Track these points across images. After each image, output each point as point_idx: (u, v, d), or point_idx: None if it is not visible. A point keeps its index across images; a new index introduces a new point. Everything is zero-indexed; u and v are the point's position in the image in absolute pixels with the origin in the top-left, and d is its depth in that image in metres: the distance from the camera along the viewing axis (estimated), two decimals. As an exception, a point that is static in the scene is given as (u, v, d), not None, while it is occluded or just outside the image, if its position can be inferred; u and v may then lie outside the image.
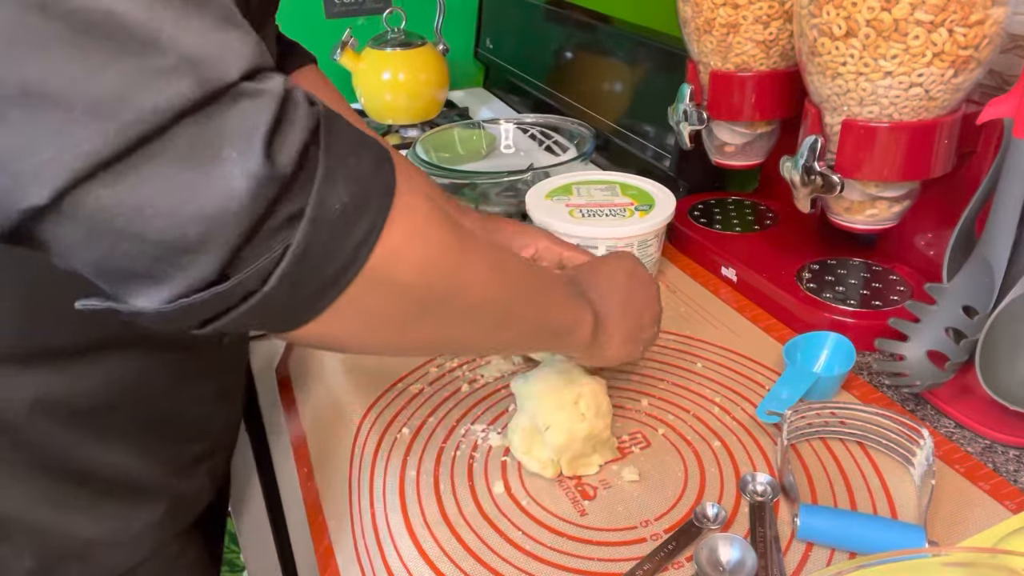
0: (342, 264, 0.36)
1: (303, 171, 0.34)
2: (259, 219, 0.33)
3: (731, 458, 0.59)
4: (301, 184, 0.34)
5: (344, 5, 1.46)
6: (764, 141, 0.79)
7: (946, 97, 0.58)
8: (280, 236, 0.34)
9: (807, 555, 0.50)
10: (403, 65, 1.28)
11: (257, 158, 0.32)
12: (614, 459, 0.59)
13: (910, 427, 0.56)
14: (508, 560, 0.51)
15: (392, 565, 0.51)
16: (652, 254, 0.80)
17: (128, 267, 0.33)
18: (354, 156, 0.37)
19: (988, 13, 0.55)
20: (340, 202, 0.35)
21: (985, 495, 0.54)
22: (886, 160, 0.61)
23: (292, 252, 0.34)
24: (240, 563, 1.71)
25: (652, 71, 1.01)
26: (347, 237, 0.36)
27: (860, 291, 0.73)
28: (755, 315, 0.76)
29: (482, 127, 1.16)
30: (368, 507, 0.56)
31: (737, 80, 0.74)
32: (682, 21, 0.76)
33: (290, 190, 0.33)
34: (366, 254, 0.36)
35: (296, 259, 0.34)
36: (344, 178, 0.35)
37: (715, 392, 0.66)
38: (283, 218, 0.34)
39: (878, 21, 0.56)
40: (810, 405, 0.59)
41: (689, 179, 0.96)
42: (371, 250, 0.36)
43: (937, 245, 0.73)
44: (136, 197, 0.31)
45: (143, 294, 0.34)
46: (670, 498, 0.55)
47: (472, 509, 0.55)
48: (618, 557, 0.51)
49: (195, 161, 0.31)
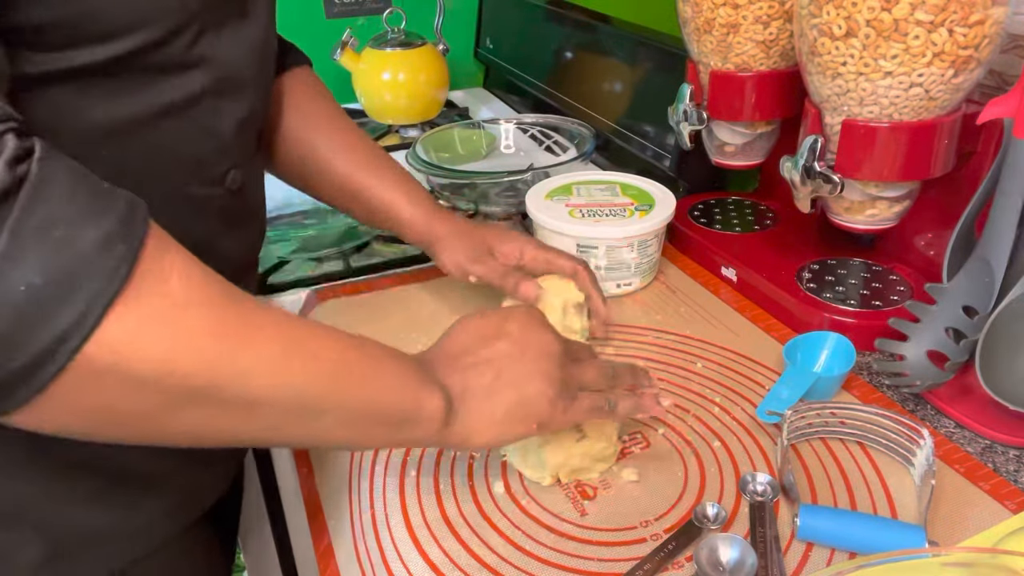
0: (35, 355, 0.31)
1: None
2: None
3: (731, 458, 0.59)
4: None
5: (344, 5, 1.46)
6: (764, 141, 0.79)
7: (946, 97, 0.58)
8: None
9: (807, 555, 0.50)
10: (403, 65, 1.28)
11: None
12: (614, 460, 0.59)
13: (910, 427, 0.56)
14: (508, 560, 0.51)
15: (392, 565, 0.51)
16: (652, 254, 0.80)
17: None
18: (68, 227, 0.32)
19: (988, 13, 0.55)
20: (25, 283, 0.30)
21: (985, 495, 0.54)
22: (886, 160, 0.61)
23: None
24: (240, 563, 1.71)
25: (652, 71, 1.01)
26: (42, 324, 0.31)
27: (860, 291, 0.73)
28: (755, 315, 0.76)
29: (482, 127, 1.16)
30: (368, 507, 0.56)
31: (737, 80, 0.74)
32: (682, 21, 0.76)
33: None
34: (75, 345, 0.32)
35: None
36: (39, 254, 0.31)
37: (715, 392, 0.66)
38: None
39: (878, 21, 0.56)
40: (810, 405, 0.59)
41: (689, 179, 0.96)
42: (83, 340, 0.32)
43: (937, 245, 0.73)
44: None
45: None
46: (670, 498, 0.55)
47: (472, 509, 0.55)
48: (618, 557, 0.51)
49: None
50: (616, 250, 0.77)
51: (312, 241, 0.96)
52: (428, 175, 0.98)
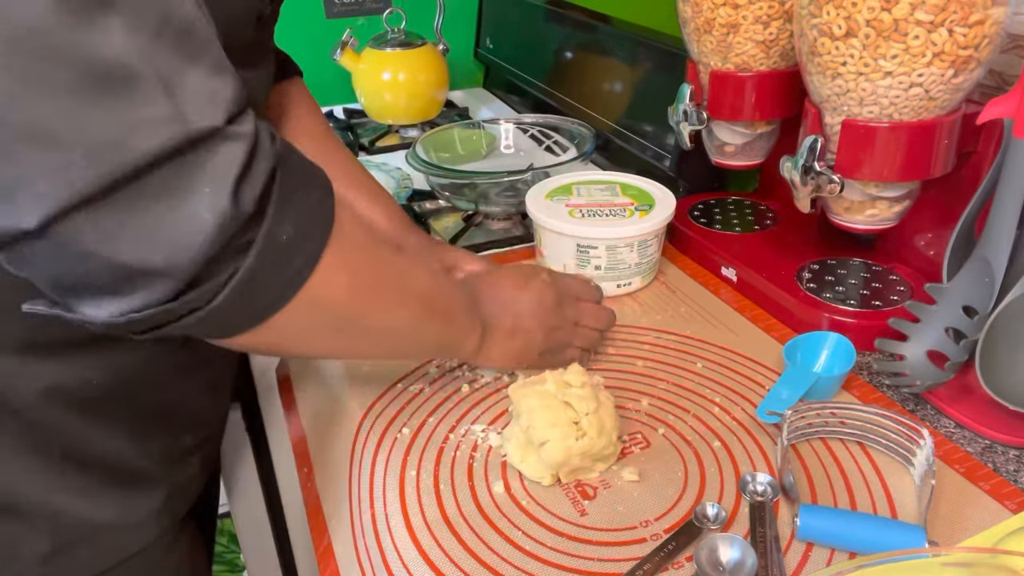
0: (282, 287, 0.40)
1: (261, 207, 0.37)
2: (221, 247, 0.36)
3: (731, 458, 0.58)
4: (254, 218, 0.37)
5: (344, 5, 1.46)
6: (764, 141, 0.79)
7: (946, 97, 0.58)
8: (231, 263, 0.37)
9: (807, 555, 0.50)
10: (403, 65, 1.28)
11: (226, 198, 0.35)
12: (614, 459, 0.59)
13: (910, 427, 0.56)
14: (508, 560, 0.51)
15: (392, 565, 0.51)
16: (652, 254, 0.80)
17: (88, 283, 0.36)
18: (303, 191, 0.40)
19: (988, 13, 0.55)
20: (287, 234, 0.39)
21: (985, 495, 0.54)
22: (886, 160, 0.61)
23: (239, 277, 0.37)
24: (240, 563, 1.71)
25: (652, 71, 1.01)
26: (289, 264, 0.40)
27: (860, 291, 0.73)
28: (755, 315, 0.76)
29: (482, 127, 1.16)
30: (368, 507, 0.56)
31: (737, 80, 0.74)
32: (682, 21, 0.76)
33: (248, 224, 0.37)
34: (303, 279, 0.40)
35: (242, 283, 0.37)
36: (292, 212, 0.39)
37: (715, 392, 0.66)
38: (236, 248, 0.37)
39: (878, 21, 0.56)
40: (810, 405, 0.59)
41: (689, 179, 0.96)
42: (308, 276, 0.41)
43: (937, 245, 0.73)
44: (111, 226, 0.33)
45: (96, 305, 0.36)
46: (670, 498, 0.55)
47: (472, 509, 0.55)
48: (618, 557, 0.51)
49: (171, 197, 0.34)
50: (616, 250, 0.77)
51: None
52: (428, 175, 0.98)
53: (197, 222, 0.35)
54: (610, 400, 0.58)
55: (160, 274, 0.35)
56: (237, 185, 0.35)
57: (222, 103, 0.35)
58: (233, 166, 0.35)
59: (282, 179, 0.39)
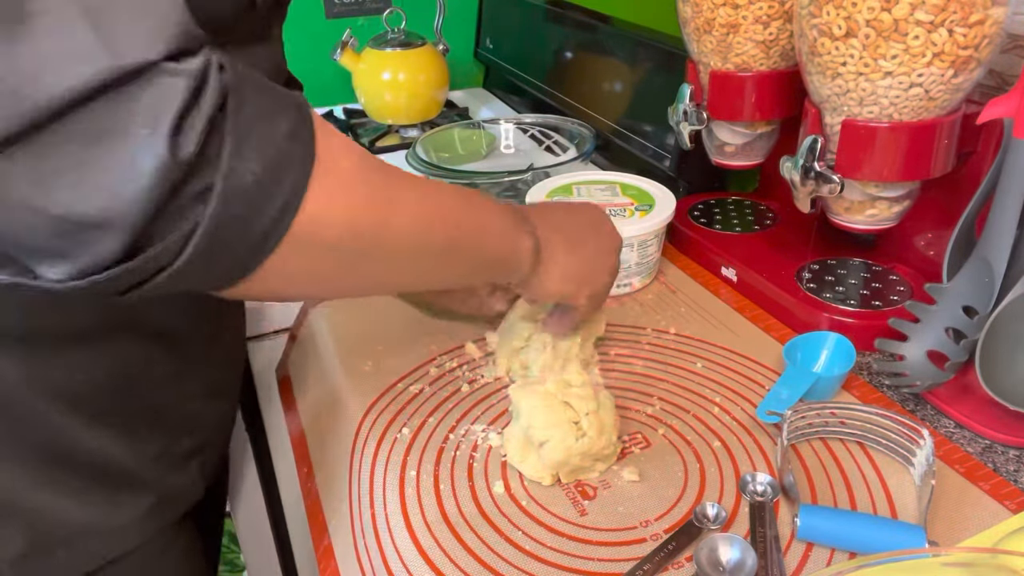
0: (261, 233, 0.36)
1: (209, 148, 0.33)
2: (165, 199, 0.32)
3: (731, 458, 0.59)
4: (208, 160, 0.33)
5: (344, 5, 1.46)
6: (764, 141, 0.79)
7: (946, 97, 0.58)
8: (189, 213, 0.33)
9: (807, 555, 0.50)
10: (403, 65, 1.28)
11: (163, 139, 0.31)
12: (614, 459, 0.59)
13: (910, 427, 0.56)
14: (508, 560, 0.51)
15: (392, 565, 0.51)
16: (652, 254, 0.80)
17: (33, 241, 0.33)
18: (266, 123, 0.36)
19: (988, 13, 0.55)
20: (252, 173, 0.35)
21: (985, 495, 0.54)
22: (886, 160, 0.61)
23: (203, 228, 0.34)
24: (240, 563, 1.71)
25: (652, 71, 1.01)
26: (264, 207, 0.35)
27: (860, 291, 0.73)
28: (755, 315, 0.76)
29: (482, 127, 1.16)
30: (368, 507, 0.56)
31: (737, 80, 0.74)
32: (682, 21, 0.76)
33: (197, 168, 0.33)
34: (288, 221, 0.36)
35: (208, 234, 0.34)
36: (256, 148, 0.35)
37: (715, 392, 0.66)
38: (191, 196, 0.33)
39: (878, 21, 0.56)
40: (810, 405, 0.59)
41: (689, 179, 0.96)
42: (293, 216, 0.36)
43: (937, 245, 0.73)
44: (39, 171, 0.31)
45: (52, 267, 0.34)
46: (670, 498, 0.55)
47: (472, 509, 0.55)
48: (618, 557, 0.51)
49: (101, 140, 0.31)
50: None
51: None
52: (428, 175, 0.98)
53: (132, 167, 0.31)
54: (610, 400, 0.58)
55: (99, 226, 0.32)
56: (177, 125, 0.32)
57: (160, 35, 0.32)
58: (172, 104, 0.32)
59: (237, 112, 0.35)
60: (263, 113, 0.36)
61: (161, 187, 0.32)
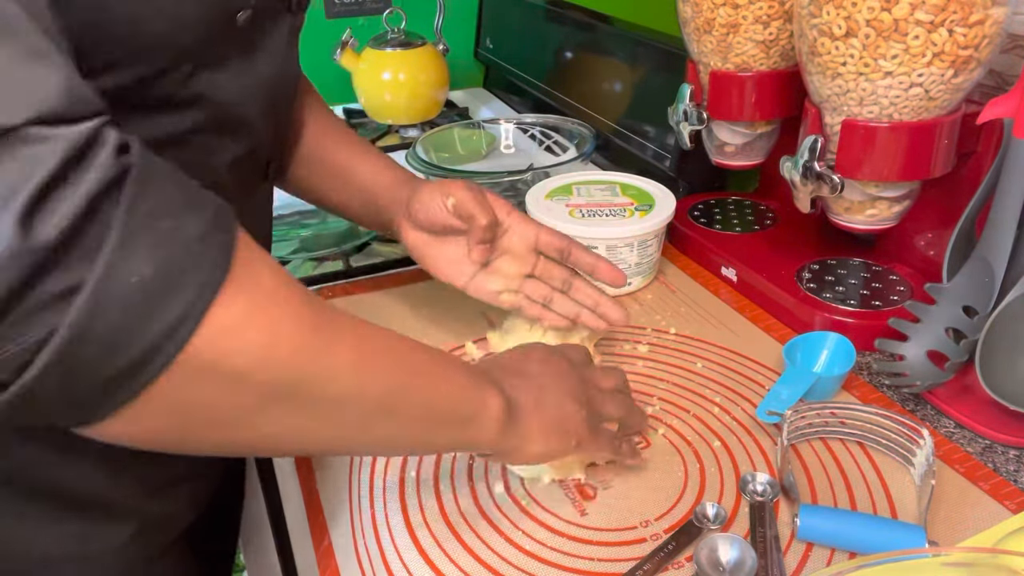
0: (143, 350, 0.30)
1: (83, 237, 0.28)
2: (10, 295, 0.27)
3: (731, 458, 0.59)
4: (81, 253, 0.28)
5: (344, 5, 1.46)
6: (764, 141, 0.79)
7: (946, 97, 0.58)
8: (43, 317, 0.28)
9: (807, 555, 0.50)
10: (403, 65, 1.28)
11: (10, 221, 0.26)
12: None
13: (910, 427, 0.56)
14: (508, 560, 0.51)
15: (392, 565, 0.51)
16: (652, 254, 0.80)
17: None
18: (171, 219, 0.31)
19: (988, 13, 0.55)
20: (138, 275, 0.29)
21: (985, 495, 0.54)
22: (886, 160, 0.61)
23: (59, 336, 0.28)
24: (240, 563, 1.71)
25: (652, 71, 1.01)
26: (150, 317, 0.30)
27: (860, 291, 0.73)
28: (755, 315, 0.76)
29: (482, 127, 1.16)
30: (368, 507, 0.56)
31: (737, 80, 0.74)
32: (682, 21, 0.76)
33: (61, 261, 0.28)
34: (183, 338, 0.31)
35: (65, 345, 0.28)
36: (149, 245, 0.29)
37: (715, 392, 0.66)
38: (49, 295, 0.28)
39: (878, 21, 0.56)
40: (810, 405, 0.59)
41: (689, 179, 0.96)
42: (190, 333, 0.31)
43: (937, 245, 0.73)
44: None
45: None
46: (670, 498, 0.55)
47: (472, 509, 0.55)
48: (618, 557, 0.51)
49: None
50: (616, 250, 0.77)
51: (312, 241, 0.96)
52: (428, 175, 0.98)
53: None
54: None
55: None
56: (31, 207, 0.27)
57: (28, 98, 0.27)
58: (27, 180, 0.27)
59: (133, 202, 0.29)
60: (169, 208, 0.31)
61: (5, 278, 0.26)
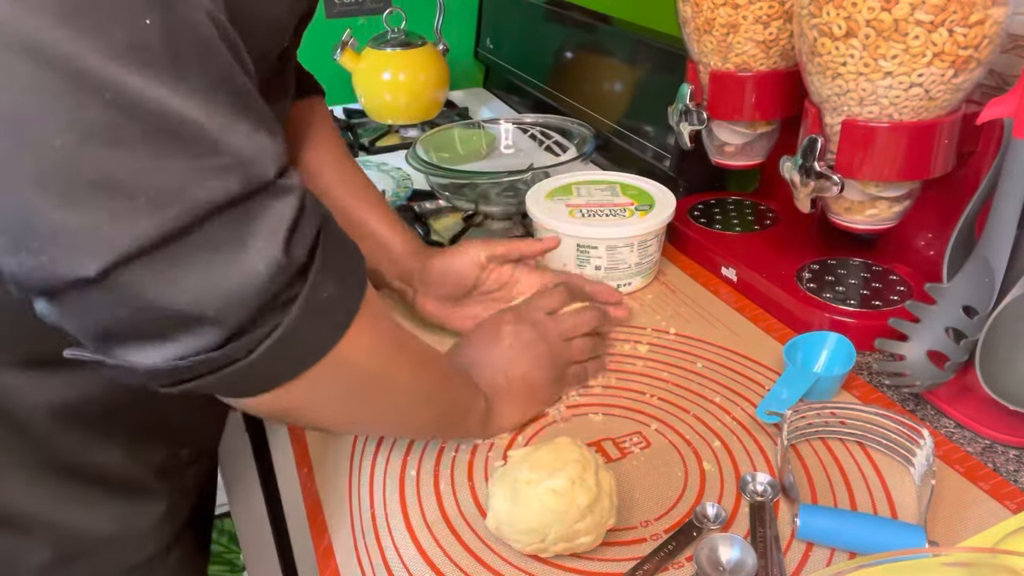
0: (317, 345, 0.40)
1: (311, 259, 0.38)
2: (270, 298, 0.37)
3: (731, 458, 0.58)
4: (302, 273, 0.38)
5: (344, 5, 1.46)
6: (764, 141, 0.79)
7: (946, 97, 0.58)
8: (276, 316, 0.37)
9: (807, 555, 0.50)
10: (403, 65, 1.27)
11: (279, 249, 0.36)
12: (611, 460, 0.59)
13: (910, 427, 0.56)
14: (508, 560, 0.51)
15: (392, 565, 0.51)
16: (652, 254, 0.80)
17: (136, 330, 0.36)
18: (343, 252, 0.42)
19: (988, 13, 0.55)
20: (328, 291, 0.39)
21: (985, 495, 0.54)
22: (886, 160, 0.61)
23: (281, 331, 0.38)
24: (240, 563, 1.71)
25: (652, 71, 1.01)
26: (326, 322, 0.40)
27: (860, 291, 0.73)
28: (755, 315, 0.76)
29: (482, 127, 1.16)
30: (368, 507, 0.56)
31: (737, 80, 0.74)
32: (682, 21, 0.76)
33: (294, 278, 0.38)
34: (336, 338, 0.41)
35: (282, 337, 0.38)
36: (334, 271, 0.40)
37: (715, 392, 0.66)
38: (283, 301, 0.37)
39: (878, 21, 0.56)
40: (810, 405, 0.59)
41: (689, 179, 0.96)
42: (342, 335, 0.41)
43: (937, 245, 0.73)
44: (168, 275, 0.34)
45: (140, 352, 0.36)
46: (670, 498, 0.55)
47: (472, 509, 0.55)
48: (618, 557, 0.51)
49: (228, 248, 0.35)
50: (616, 250, 0.77)
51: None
52: (428, 175, 0.98)
53: (251, 273, 0.35)
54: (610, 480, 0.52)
55: (210, 322, 0.35)
56: (289, 237, 0.36)
57: (271, 156, 0.36)
58: (285, 218, 0.36)
59: (326, 238, 0.40)
60: (340, 243, 0.42)
61: (269, 292, 0.36)
